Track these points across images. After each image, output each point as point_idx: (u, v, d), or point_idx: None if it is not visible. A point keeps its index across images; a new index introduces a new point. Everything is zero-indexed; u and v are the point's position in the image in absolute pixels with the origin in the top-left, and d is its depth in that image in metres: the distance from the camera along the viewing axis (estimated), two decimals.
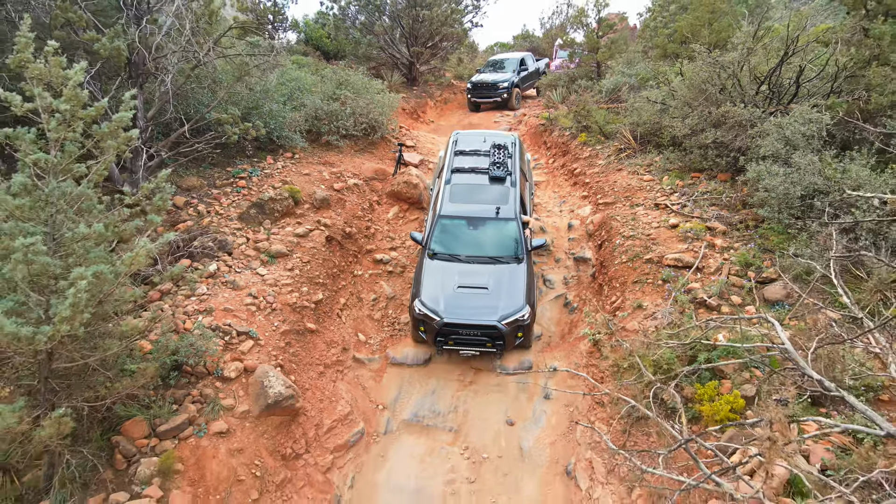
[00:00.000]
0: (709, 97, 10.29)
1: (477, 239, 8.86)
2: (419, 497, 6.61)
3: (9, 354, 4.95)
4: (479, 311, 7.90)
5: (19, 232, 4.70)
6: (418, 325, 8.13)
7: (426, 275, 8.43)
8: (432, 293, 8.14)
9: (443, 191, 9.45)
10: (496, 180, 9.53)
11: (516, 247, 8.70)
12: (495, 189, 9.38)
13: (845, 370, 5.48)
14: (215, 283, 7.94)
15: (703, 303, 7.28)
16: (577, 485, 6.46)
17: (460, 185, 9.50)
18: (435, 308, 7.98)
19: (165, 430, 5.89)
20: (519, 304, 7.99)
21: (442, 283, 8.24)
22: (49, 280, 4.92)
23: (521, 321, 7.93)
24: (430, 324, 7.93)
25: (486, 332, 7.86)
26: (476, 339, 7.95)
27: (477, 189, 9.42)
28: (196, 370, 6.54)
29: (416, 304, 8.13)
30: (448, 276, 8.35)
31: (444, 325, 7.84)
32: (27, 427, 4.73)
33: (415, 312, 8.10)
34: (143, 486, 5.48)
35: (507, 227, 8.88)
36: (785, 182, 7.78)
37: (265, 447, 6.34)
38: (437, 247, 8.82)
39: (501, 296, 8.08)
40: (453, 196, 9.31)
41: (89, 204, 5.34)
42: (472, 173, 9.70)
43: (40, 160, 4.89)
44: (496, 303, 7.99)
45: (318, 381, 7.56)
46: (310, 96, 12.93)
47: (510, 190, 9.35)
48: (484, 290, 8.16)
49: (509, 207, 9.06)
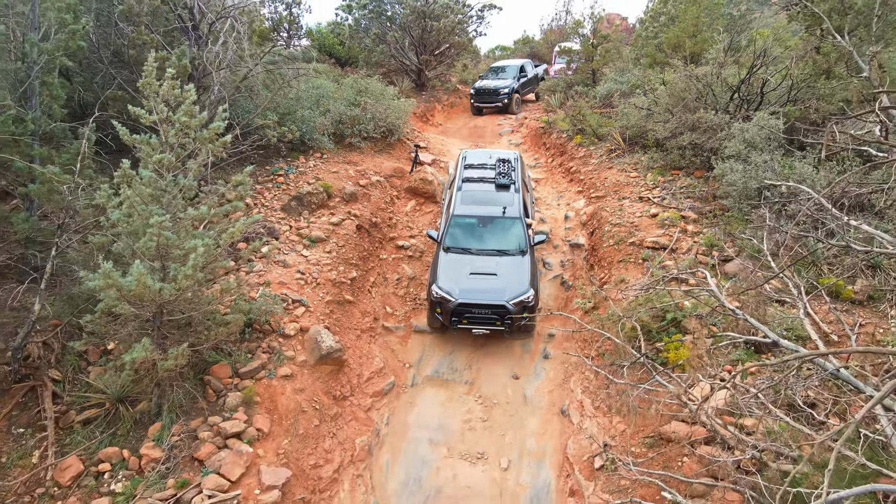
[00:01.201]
0: (686, 105, 11.86)
1: (486, 235, 10.07)
2: (442, 431, 8.19)
3: (136, 309, 6.48)
4: (489, 292, 9.02)
5: (150, 213, 6.27)
6: (434, 308, 9.26)
7: (441, 265, 9.60)
8: (447, 279, 9.30)
9: (455, 196, 10.73)
10: (502, 187, 10.81)
11: (521, 241, 9.91)
12: (501, 194, 10.70)
13: (773, 323, 7.05)
14: (268, 262, 9.51)
15: (675, 278, 8.85)
16: (570, 420, 8.04)
17: (470, 191, 10.80)
18: (450, 290, 9.12)
19: (244, 371, 7.47)
20: (525, 287, 9.12)
21: (456, 271, 9.41)
22: (168, 250, 6.48)
23: (527, 302, 9.00)
24: (445, 305, 9.05)
25: (496, 311, 8.94)
26: (487, 317, 9.03)
27: (485, 194, 10.72)
28: (263, 328, 8.13)
29: (434, 287, 9.27)
30: (461, 265, 9.52)
31: (459, 304, 8.96)
32: (155, 358, 6.30)
33: (432, 296, 9.22)
34: (231, 412, 7.04)
35: (513, 224, 10.12)
36: (744, 177, 9.35)
37: (320, 389, 7.92)
38: (451, 242, 10.01)
39: (509, 280, 9.19)
40: (464, 199, 10.60)
41: (193, 193, 6.92)
42: (480, 182, 11.00)
43: (163, 160, 6.46)
44: (504, 286, 9.11)
45: (356, 342, 9.14)
46: (334, 103, 14.50)
47: (514, 194, 10.66)
48: (493, 275, 9.30)
49: (514, 208, 10.33)
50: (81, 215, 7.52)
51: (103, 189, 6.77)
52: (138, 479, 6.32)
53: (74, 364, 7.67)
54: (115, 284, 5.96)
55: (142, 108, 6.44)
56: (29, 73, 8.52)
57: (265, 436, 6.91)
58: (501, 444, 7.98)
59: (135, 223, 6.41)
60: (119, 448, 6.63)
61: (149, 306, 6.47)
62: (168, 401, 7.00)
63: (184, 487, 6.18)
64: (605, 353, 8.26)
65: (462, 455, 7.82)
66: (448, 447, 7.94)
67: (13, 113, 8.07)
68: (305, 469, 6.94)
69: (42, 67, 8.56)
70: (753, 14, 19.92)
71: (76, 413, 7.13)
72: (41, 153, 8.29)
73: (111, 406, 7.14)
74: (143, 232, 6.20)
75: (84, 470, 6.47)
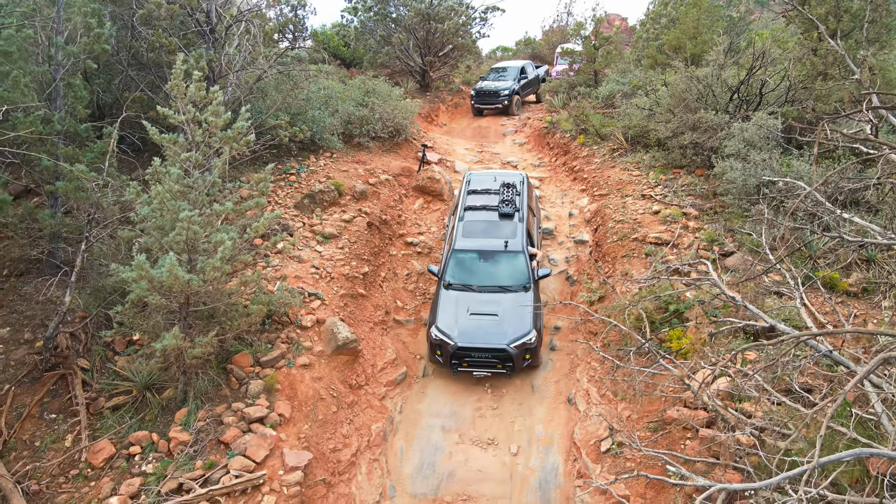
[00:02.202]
0: (687, 105, 12.20)
1: (488, 270, 9.71)
2: (454, 418, 8.52)
3: (165, 298, 6.80)
4: (489, 335, 8.73)
5: (179, 209, 6.61)
6: (435, 350, 8.96)
7: (441, 304, 9.29)
8: (447, 320, 8.98)
9: (457, 227, 10.32)
10: (505, 216, 10.36)
11: (523, 276, 9.55)
12: (504, 224, 10.24)
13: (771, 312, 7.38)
14: (284, 258, 9.85)
15: (676, 270, 9.19)
16: (576, 408, 8.37)
17: (472, 221, 10.36)
18: (450, 333, 8.79)
19: (265, 360, 7.81)
20: (526, 329, 8.80)
21: (456, 311, 9.09)
22: (195, 244, 6.81)
23: (529, 344, 8.74)
24: (445, 347, 8.74)
25: (497, 354, 8.68)
26: (487, 360, 8.75)
27: (487, 225, 10.26)
28: (282, 320, 8.47)
29: (433, 330, 8.94)
30: (461, 304, 9.20)
31: (458, 348, 8.66)
32: (183, 346, 6.63)
33: (431, 338, 8.93)
34: (254, 399, 7.38)
35: (515, 259, 9.73)
36: (743, 174, 9.69)
37: (337, 378, 8.25)
38: (452, 278, 9.67)
39: (510, 321, 8.89)
40: (466, 232, 10.17)
41: (216, 190, 7.25)
42: (483, 210, 10.55)
43: (191, 157, 6.80)
44: (505, 328, 8.81)
45: (369, 334, 9.48)
46: (342, 103, 14.85)
47: (518, 225, 10.21)
48: (494, 316, 9.00)
49: (517, 241, 9.90)
50: (109, 211, 7.86)
51: (132, 186, 7.11)
52: (168, 460, 6.65)
53: (102, 354, 8.01)
54: (148, 275, 6.30)
55: (167, 109, 6.78)
56: (54, 76, 8.87)
57: (286, 421, 7.24)
58: (511, 430, 8.31)
59: (163, 218, 6.75)
60: (148, 432, 6.96)
61: (177, 297, 6.81)
62: (193, 388, 7.33)
63: (211, 468, 6.51)
64: (610, 344, 8.59)
65: (473, 441, 8.15)
66: (460, 433, 8.27)
67: (41, 114, 8.42)
68: (325, 452, 7.28)
69: (67, 70, 8.91)
70: (752, 16, 20.28)
71: (105, 400, 7.47)
72: (66, 151, 8.64)
73: (138, 393, 7.48)
74: (172, 226, 6.54)
75: (115, 452, 6.81)
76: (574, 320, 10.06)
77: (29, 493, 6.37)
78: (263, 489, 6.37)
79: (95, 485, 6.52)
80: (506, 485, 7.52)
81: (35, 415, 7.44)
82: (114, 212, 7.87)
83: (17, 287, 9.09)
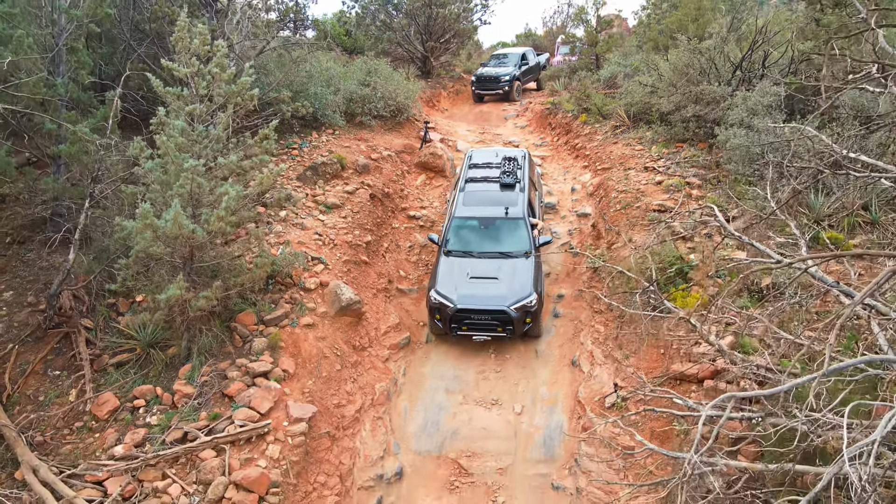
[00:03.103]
0: (690, 78, 12.19)
1: (488, 237, 9.62)
2: (457, 381, 8.50)
3: (170, 248, 6.77)
4: (489, 297, 8.62)
5: (183, 160, 6.60)
6: (434, 314, 8.81)
7: (441, 269, 9.19)
8: (446, 284, 8.88)
9: (457, 197, 10.29)
10: (506, 186, 10.29)
11: (524, 243, 9.44)
12: (505, 194, 10.18)
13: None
14: (287, 225, 9.84)
15: (681, 235, 9.18)
16: (580, 370, 8.36)
17: (473, 191, 10.34)
18: (449, 296, 8.68)
19: (269, 319, 7.80)
20: (527, 292, 8.68)
21: (456, 275, 9.00)
22: (200, 197, 6.80)
23: (529, 307, 8.58)
24: (444, 311, 8.63)
25: (497, 316, 8.54)
26: (487, 323, 8.62)
27: (488, 195, 10.20)
28: (285, 282, 8.46)
29: (432, 293, 8.83)
30: (461, 269, 9.10)
31: (458, 310, 8.55)
32: (188, 298, 6.63)
33: (431, 301, 8.80)
34: (258, 355, 7.37)
35: (516, 225, 9.63)
36: (746, 141, 9.67)
37: (340, 338, 8.25)
38: (452, 245, 9.56)
39: (510, 284, 8.79)
40: (466, 201, 10.12)
41: (221, 146, 7.25)
42: (484, 182, 10.51)
43: (195, 110, 6.79)
44: (505, 290, 8.70)
45: (373, 300, 9.47)
46: (344, 82, 14.84)
47: (519, 194, 10.12)
48: (494, 279, 8.91)
49: (518, 208, 9.81)
50: (113, 169, 7.85)
51: (136, 141, 7.11)
52: (172, 412, 6.65)
53: (105, 314, 8.00)
54: (152, 225, 6.29)
55: (172, 62, 6.77)
56: (57, 41, 8.86)
57: (290, 376, 7.23)
58: (515, 392, 8.29)
59: (167, 174, 6.73)
60: (152, 386, 6.95)
61: (181, 249, 6.80)
62: (197, 345, 7.32)
63: (216, 419, 6.51)
64: (614, 306, 8.58)
65: (477, 402, 8.14)
66: (463, 395, 8.26)
67: (43, 75, 8.40)
68: (329, 407, 7.27)
69: (70, 34, 8.89)
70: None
71: (109, 357, 7.46)
72: (69, 116, 8.62)
73: (142, 351, 7.47)
74: (176, 178, 6.53)
75: (120, 406, 6.80)
76: (577, 289, 10.05)
77: (33, 444, 6.36)
78: (268, 438, 6.37)
79: (100, 436, 6.51)
80: (510, 442, 7.51)
81: (39, 371, 7.44)
82: (117, 170, 7.87)
83: (20, 254, 9.08)
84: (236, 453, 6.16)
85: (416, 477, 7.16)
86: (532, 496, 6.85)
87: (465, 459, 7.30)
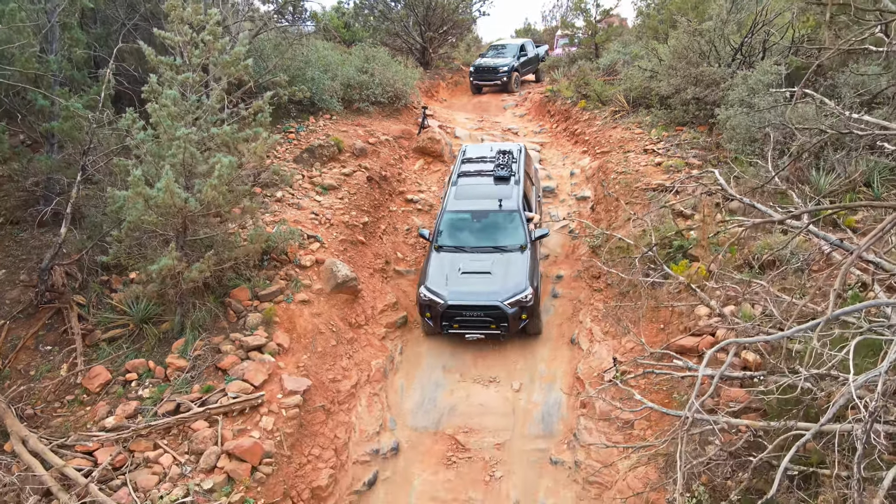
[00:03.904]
0: (689, 61, 12.09)
1: (481, 230, 9.13)
2: (455, 359, 8.40)
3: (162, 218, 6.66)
4: (482, 293, 8.14)
5: (176, 128, 6.50)
6: (424, 312, 8.37)
7: (432, 265, 8.73)
8: (437, 279, 8.42)
9: (449, 192, 9.85)
10: (500, 179, 9.81)
11: (520, 236, 8.90)
12: (499, 187, 9.68)
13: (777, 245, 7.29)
14: (283, 205, 9.73)
15: (680, 213, 9.08)
16: (579, 348, 8.26)
17: (466, 185, 9.87)
18: (439, 292, 8.20)
19: (264, 294, 7.70)
20: (522, 286, 8.18)
21: (447, 271, 8.52)
22: (193, 168, 6.70)
23: (524, 301, 8.07)
24: (434, 307, 8.15)
25: (490, 312, 8.06)
26: (480, 320, 8.14)
27: (481, 188, 9.73)
28: (280, 258, 8.35)
29: (422, 290, 8.38)
30: (453, 264, 8.64)
31: (448, 307, 8.05)
32: (181, 269, 6.52)
33: (420, 298, 8.34)
34: (252, 330, 7.27)
35: (510, 218, 9.12)
36: (747, 119, 9.57)
37: (336, 315, 8.15)
38: (443, 240, 9.08)
39: (504, 279, 8.29)
40: (458, 195, 9.66)
41: (215, 118, 7.15)
42: (477, 176, 10.03)
43: (187, 79, 6.69)
44: (499, 285, 8.22)
45: (369, 279, 9.37)
46: (342, 67, 14.74)
47: (514, 187, 9.61)
48: (487, 274, 8.41)
49: (512, 200, 9.30)
50: (105, 142, 7.75)
51: (128, 112, 7.01)
52: (164, 385, 6.55)
53: (98, 291, 7.89)
54: (144, 194, 6.19)
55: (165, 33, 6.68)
56: (50, 17, 8.76)
57: (285, 351, 7.13)
58: (513, 370, 8.19)
59: (158, 147, 6.62)
60: (145, 360, 6.85)
61: (173, 221, 6.69)
62: (190, 319, 7.21)
63: (209, 392, 6.41)
64: (613, 283, 8.48)
65: (475, 379, 8.04)
66: (461, 373, 8.16)
67: (35, 50, 8.31)
68: (325, 382, 7.17)
69: (64, 10, 8.79)
70: None
71: (101, 333, 7.36)
72: (62, 93, 8.52)
73: (135, 327, 7.37)
74: (168, 147, 6.43)
75: (111, 379, 6.70)
76: (577, 269, 9.95)
77: (23, 417, 6.26)
78: (262, 410, 6.27)
79: (91, 409, 6.41)
80: (508, 418, 7.41)
81: (30, 347, 7.34)
82: (110, 143, 7.76)
83: (13, 234, 8.99)
84: (229, 424, 6.06)
85: (413, 452, 7.07)
86: (530, 470, 6.75)
87: (463, 435, 7.20)
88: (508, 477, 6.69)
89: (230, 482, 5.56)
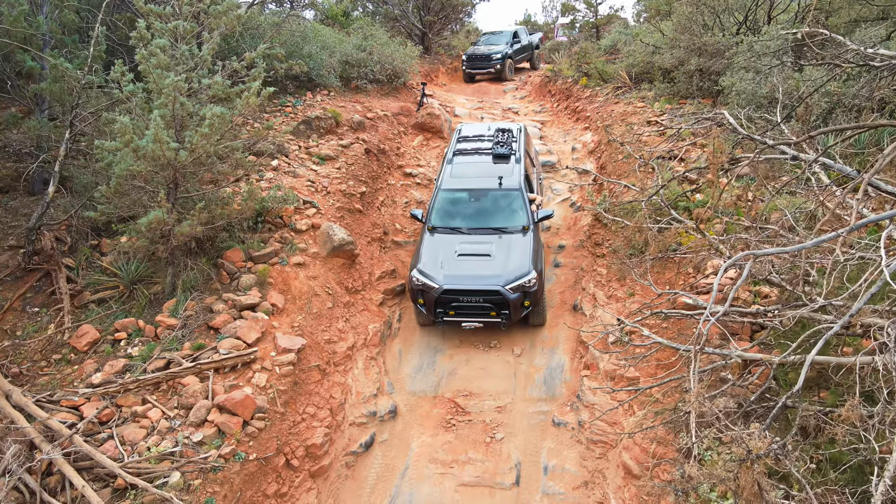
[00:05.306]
0: (693, 32, 11.87)
1: (479, 211, 8.45)
2: (455, 328, 8.17)
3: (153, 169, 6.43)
4: (480, 276, 7.47)
5: (165, 77, 6.28)
6: (416, 298, 7.65)
7: (425, 247, 8.03)
8: (431, 263, 7.70)
9: (444, 171, 9.15)
10: (500, 158, 9.14)
11: (521, 217, 8.26)
12: (499, 165, 9.02)
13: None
14: (279, 173, 9.52)
15: (685, 178, 8.86)
16: (582, 313, 8.05)
17: (462, 163, 9.20)
18: (433, 276, 7.51)
19: (258, 255, 7.48)
20: (524, 269, 7.48)
21: (442, 254, 7.81)
22: (184, 121, 6.48)
23: (527, 286, 7.39)
24: (428, 294, 7.45)
25: (490, 298, 7.38)
26: (479, 307, 7.47)
27: (479, 166, 9.06)
28: (275, 221, 8.14)
29: (414, 273, 7.65)
30: (449, 246, 7.94)
31: (444, 292, 7.37)
32: (170, 223, 6.31)
33: (412, 283, 7.63)
34: (245, 290, 7.05)
35: (511, 197, 8.44)
36: (752, 84, 9.36)
37: (333, 279, 7.93)
38: (438, 221, 8.40)
39: (505, 262, 7.59)
40: (454, 173, 8.98)
41: (206, 71, 6.93)
42: (475, 154, 9.37)
43: (178, 27, 6.47)
44: (500, 268, 7.53)
45: (367, 247, 9.16)
46: (340, 44, 14.53)
47: (515, 165, 8.96)
48: (486, 256, 7.73)
49: (513, 179, 8.64)
50: (95, 99, 7.54)
51: (117, 65, 6.79)
52: (154, 344, 6.34)
53: (88, 255, 7.68)
54: (132, 143, 5.98)
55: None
56: None
57: (279, 311, 6.92)
58: (514, 336, 7.98)
59: (147, 99, 6.41)
60: (135, 319, 6.64)
61: (164, 174, 6.48)
62: (182, 280, 7.00)
63: (200, 349, 6.19)
64: (618, 248, 8.26)
65: (475, 345, 7.83)
66: (461, 339, 7.95)
67: (24, 9, 8.09)
68: (320, 342, 6.96)
69: None
70: None
71: (90, 294, 7.15)
72: (52, 55, 8.30)
73: (125, 289, 7.16)
74: (158, 97, 6.21)
75: (100, 338, 6.49)
76: (579, 239, 9.74)
77: (8, 375, 6.04)
78: (254, 367, 6.06)
79: (78, 367, 6.20)
80: (509, 381, 7.20)
81: (17, 308, 7.13)
82: (101, 102, 7.55)
83: (3, 202, 8.79)
84: (220, 380, 5.85)
85: (412, 415, 6.86)
86: (532, 432, 6.54)
87: (463, 399, 7.00)
88: (510, 438, 6.48)
89: (221, 435, 5.35)
